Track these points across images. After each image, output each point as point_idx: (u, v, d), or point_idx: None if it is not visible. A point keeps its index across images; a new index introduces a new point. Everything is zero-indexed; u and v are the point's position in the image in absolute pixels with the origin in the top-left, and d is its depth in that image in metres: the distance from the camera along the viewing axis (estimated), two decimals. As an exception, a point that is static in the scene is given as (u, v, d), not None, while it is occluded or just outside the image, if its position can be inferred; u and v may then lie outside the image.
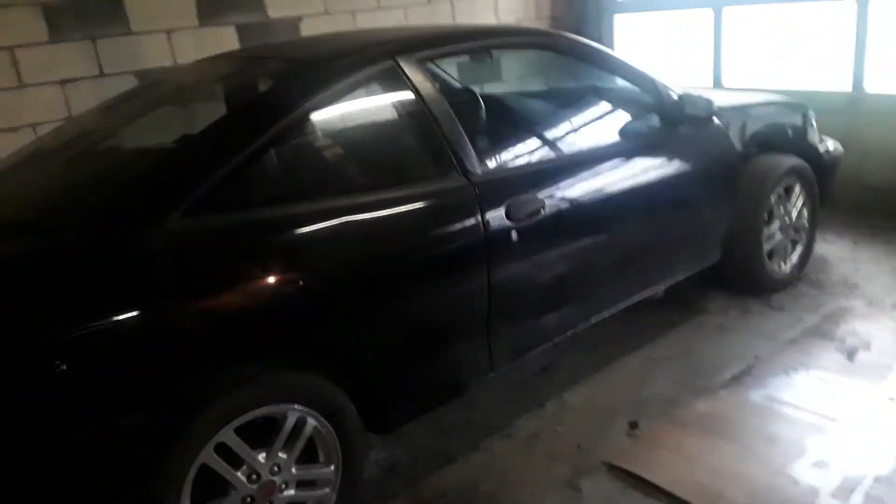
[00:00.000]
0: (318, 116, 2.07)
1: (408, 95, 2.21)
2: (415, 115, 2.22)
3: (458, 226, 2.15)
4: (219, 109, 2.17)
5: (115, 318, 1.56)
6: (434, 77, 2.37)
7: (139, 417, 1.59)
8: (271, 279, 1.78)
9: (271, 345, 1.82)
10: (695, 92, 2.90)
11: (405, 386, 2.14)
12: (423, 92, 2.21)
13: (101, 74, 3.58)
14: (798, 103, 3.55)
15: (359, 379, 2.00)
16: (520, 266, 2.31)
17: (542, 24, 5.47)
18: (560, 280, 2.48)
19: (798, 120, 3.51)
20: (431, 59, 2.37)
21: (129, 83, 3.58)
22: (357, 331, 1.96)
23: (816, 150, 3.56)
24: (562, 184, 2.44)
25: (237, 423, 1.72)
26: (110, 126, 2.47)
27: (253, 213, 1.83)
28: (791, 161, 3.30)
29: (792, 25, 4.79)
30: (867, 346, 2.85)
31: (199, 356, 1.68)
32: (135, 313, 1.57)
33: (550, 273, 2.44)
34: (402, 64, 2.21)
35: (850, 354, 2.81)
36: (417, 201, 2.10)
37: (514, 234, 2.23)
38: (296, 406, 1.83)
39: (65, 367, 1.48)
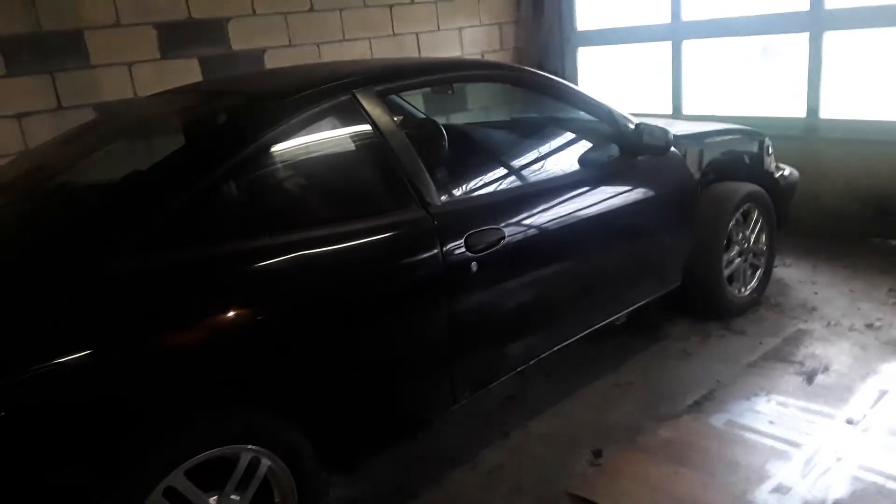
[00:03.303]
0: (275, 151, 2.06)
1: (365, 128, 2.21)
2: (373, 147, 2.22)
3: (417, 257, 2.14)
4: (175, 143, 2.15)
5: (58, 361, 1.51)
6: (393, 109, 2.38)
7: (83, 464, 1.54)
8: (225, 316, 1.75)
9: (224, 384, 1.78)
10: (653, 122, 2.96)
11: (365, 421, 2.10)
12: (380, 125, 2.21)
13: (60, 107, 3.54)
14: (754, 131, 3.63)
15: (317, 416, 1.96)
16: (480, 297, 2.31)
17: (506, 56, 5.55)
18: (522, 310, 2.48)
19: (754, 147, 3.59)
20: (389, 93, 2.38)
21: (88, 116, 3.54)
22: (315, 367, 1.93)
23: (773, 176, 3.64)
24: (522, 213, 2.46)
25: (187, 465, 1.67)
26: (64, 160, 2.44)
27: (206, 249, 1.80)
28: (748, 188, 3.37)
29: (749, 55, 4.94)
30: (826, 369, 2.90)
31: (146, 398, 1.64)
32: (79, 355, 1.53)
33: (512, 303, 2.44)
34: (359, 97, 2.21)
35: (810, 378, 2.85)
36: (376, 234, 2.09)
37: (473, 266, 2.23)
38: (249, 446, 1.78)
39: (2, 414, 1.43)
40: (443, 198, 2.26)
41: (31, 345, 1.53)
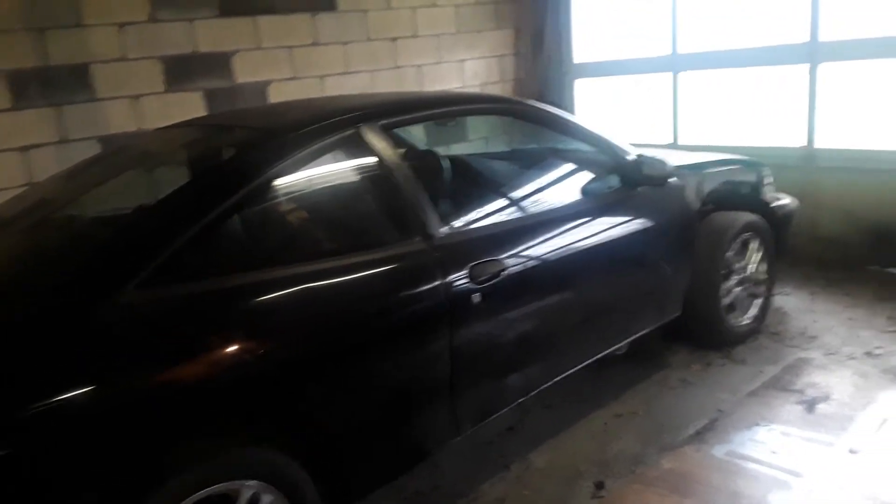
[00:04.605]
0: (281, 184, 2.09)
1: (370, 162, 2.25)
2: (377, 181, 2.26)
3: (419, 289, 2.16)
4: (182, 177, 2.18)
5: (62, 397, 1.51)
6: (396, 143, 2.42)
7: (87, 499, 1.54)
8: (228, 350, 1.76)
9: (227, 419, 1.78)
10: (652, 152, 3.00)
11: (366, 455, 2.10)
12: (384, 158, 2.25)
13: (65, 140, 3.59)
14: (753, 161, 3.67)
15: (317, 449, 1.96)
16: (483, 328, 2.32)
17: (506, 87, 5.63)
18: (524, 341, 2.48)
19: (753, 177, 3.63)
20: (394, 127, 2.42)
21: (94, 149, 3.59)
22: (317, 400, 1.93)
23: (771, 205, 3.67)
24: (523, 245, 2.48)
25: (189, 502, 1.66)
26: (71, 193, 2.47)
27: (211, 283, 1.82)
28: (746, 217, 3.40)
29: (747, 86, 5.00)
30: (826, 398, 2.90)
31: (150, 434, 1.63)
32: (83, 390, 1.54)
33: (514, 334, 2.45)
34: (364, 131, 2.25)
35: (811, 407, 2.85)
36: (379, 266, 2.11)
37: (476, 297, 2.25)
38: (250, 482, 1.78)
39: (6, 452, 1.43)
40: (445, 229, 2.28)
41: (35, 381, 1.53)
